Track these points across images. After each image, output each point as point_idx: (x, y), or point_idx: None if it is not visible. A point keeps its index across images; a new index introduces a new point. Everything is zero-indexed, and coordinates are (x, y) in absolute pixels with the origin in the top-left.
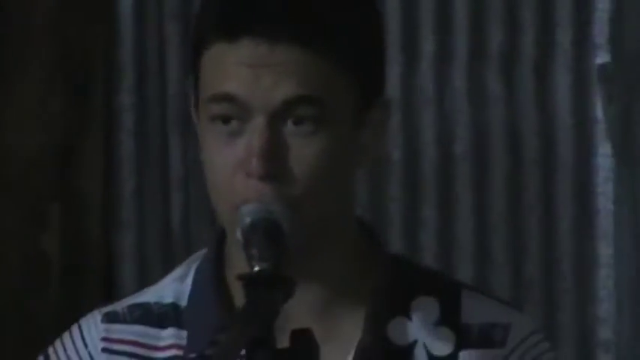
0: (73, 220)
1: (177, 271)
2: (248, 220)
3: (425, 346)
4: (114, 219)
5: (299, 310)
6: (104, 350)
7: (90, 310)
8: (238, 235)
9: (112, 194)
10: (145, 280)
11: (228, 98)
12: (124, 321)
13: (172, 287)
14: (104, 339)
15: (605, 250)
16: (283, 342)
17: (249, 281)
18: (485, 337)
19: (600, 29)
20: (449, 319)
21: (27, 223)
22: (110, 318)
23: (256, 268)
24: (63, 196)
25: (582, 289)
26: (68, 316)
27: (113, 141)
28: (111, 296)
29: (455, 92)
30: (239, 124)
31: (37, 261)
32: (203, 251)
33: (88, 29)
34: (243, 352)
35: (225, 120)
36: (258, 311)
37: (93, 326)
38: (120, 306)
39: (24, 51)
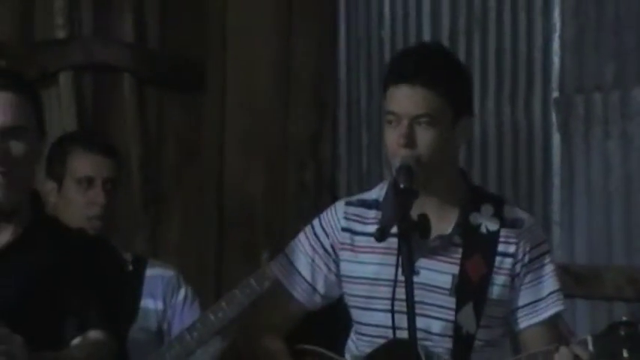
0: None
1: (380, 185)
2: (398, 164)
3: (486, 226)
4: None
5: (421, 204)
6: (344, 218)
7: None
8: (394, 171)
9: None
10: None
11: (393, 113)
12: (354, 205)
13: (376, 192)
14: (344, 212)
15: None
16: (414, 218)
17: (398, 192)
18: (513, 223)
19: None
20: (497, 214)
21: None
22: (348, 203)
23: (401, 186)
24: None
25: None
26: None
27: None
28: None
29: None
30: (396, 123)
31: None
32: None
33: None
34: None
35: (391, 122)
36: (403, 204)
37: (340, 206)
38: (354, 198)
39: None
